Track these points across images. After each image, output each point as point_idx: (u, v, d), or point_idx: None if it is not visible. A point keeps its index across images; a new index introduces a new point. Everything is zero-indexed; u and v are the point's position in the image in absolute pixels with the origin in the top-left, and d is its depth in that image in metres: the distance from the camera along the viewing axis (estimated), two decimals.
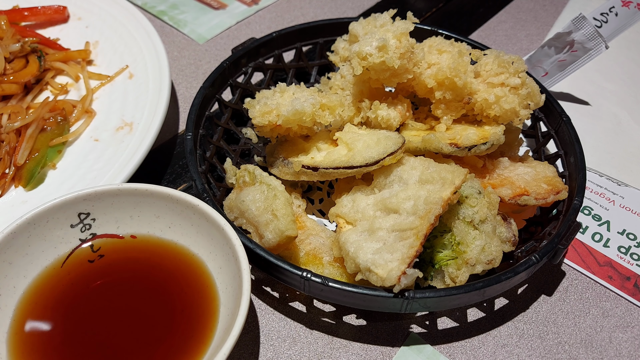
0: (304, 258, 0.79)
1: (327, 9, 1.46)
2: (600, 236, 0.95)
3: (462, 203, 0.75)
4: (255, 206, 0.77)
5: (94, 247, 0.76)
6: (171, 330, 0.68)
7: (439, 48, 0.88)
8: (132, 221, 0.77)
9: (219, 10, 1.42)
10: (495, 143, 0.81)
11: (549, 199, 0.81)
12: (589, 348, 0.80)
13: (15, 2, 1.22)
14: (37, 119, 0.96)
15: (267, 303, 0.82)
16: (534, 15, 1.47)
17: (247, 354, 0.76)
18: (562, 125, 0.92)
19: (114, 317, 0.70)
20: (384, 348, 0.78)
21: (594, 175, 1.05)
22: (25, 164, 0.92)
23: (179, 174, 1.01)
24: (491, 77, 0.86)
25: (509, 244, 0.77)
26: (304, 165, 0.80)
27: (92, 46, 1.16)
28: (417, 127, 0.89)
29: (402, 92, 0.93)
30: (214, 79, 0.96)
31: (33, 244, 0.72)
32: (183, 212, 0.75)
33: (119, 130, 0.98)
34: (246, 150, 1.00)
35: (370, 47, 0.81)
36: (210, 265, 0.74)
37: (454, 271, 0.73)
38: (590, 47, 1.07)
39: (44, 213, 0.72)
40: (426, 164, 0.78)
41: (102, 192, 0.75)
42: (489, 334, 0.80)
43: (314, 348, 0.77)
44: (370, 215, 0.77)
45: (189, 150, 0.84)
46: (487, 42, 1.37)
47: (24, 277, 0.71)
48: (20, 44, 1.06)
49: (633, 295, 0.87)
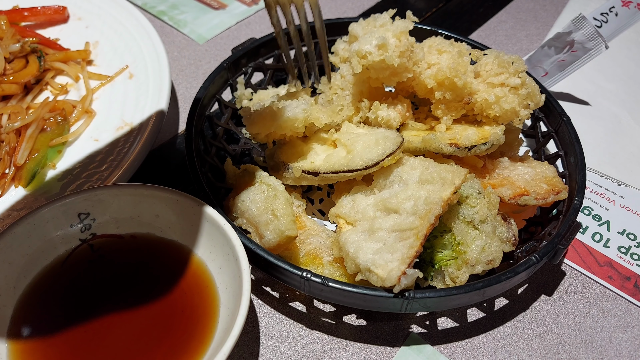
0: (304, 258, 0.79)
1: (327, 9, 1.46)
2: (600, 236, 0.94)
3: (462, 203, 0.75)
4: (256, 206, 0.77)
5: (94, 247, 0.76)
6: (171, 330, 0.68)
7: (438, 48, 0.88)
8: (132, 221, 0.77)
9: (219, 10, 1.42)
10: (495, 143, 0.81)
11: (549, 199, 0.81)
12: (589, 348, 0.80)
13: (15, 2, 1.22)
14: (37, 119, 0.96)
15: (267, 303, 0.82)
16: (534, 15, 1.47)
17: (247, 354, 0.76)
18: (562, 125, 0.92)
19: (114, 317, 0.70)
20: (384, 348, 0.78)
21: (594, 175, 1.05)
22: (25, 164, 0.92)
23: (179, 174, 1.01)
24: (491, 77, 0.86)
25: (509, 244, 0.77)
26: (304, 170, 0.80)
27: (92, 46, 1.16)
28: (417, 127, 0.89)
29: (402, 92, 0.93)
30: (214, 79, 0.96)
31: (33, 244, 0.72)
32: (183, 212, 0.75)
33: (119, 130, 0.98)
34: (246, 150, 1.00)
35: (369, 46, 0.81)
36: (210, 265, 0.74)
37: (454, 271, 0.73)
38: (590, 47, 1.07)
39: (44, 213, 0.72)
40: (426, 164, 0.78)
41: (102, 192, 0.75)
42: (489, 334, 0.80)
43: (314, 348, 0.77)
44: (370, 216, 0.77)
45: (189, 150, 0.84)
46: (487, 42, 1.37)
47: (24, 277, 0.71)
48: (20, 44, 1.06)
49: (633, 295, 0.87)
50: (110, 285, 0.73)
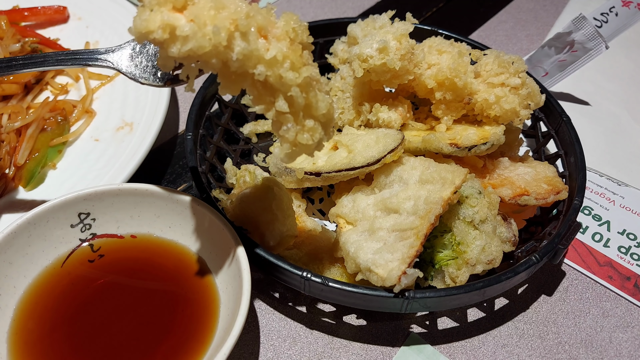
0: (304, 258, 0.79)
1: (327, 9, 1.46)
2: (600, 236, 0.95)
3: (463, 203, 0.75)
4: (256, 206, 0.77)
5: (94, 247, 0.76)
6: (171, 330, 0.68)
7: (438, 48, 0.88)
8: (132, 221, 0.77)
9: None
10: (496, 143, 0.81)
11: (549, 199, 0.81)
12: (589, 348, 0.80)
13: (15, 2, 1.22)
14: (37, 119, 0.96)
15: (267, 303, 0.82)
16: (534, 15, 1.47)
17: (247, 354, 0.76)
18: (562, 125, 0.92)
19: (114, 317, 0.70)
20: (384, 348, 0.78)
21: (594, 175, 1.05)
22: (26, 164, 0.92)
23: (179, 174, 1.01)
24: (491, 77, 0.86)
25: (509, 244, 0.77)
26: (307, 172, 0.80)
27: (92, 46, 1.16)
28: (418, 128, 0.89)
29: (402, 92, 0.93)
30: (214, 79, 0.96)
31: (33, 244, 0.72)
32: (183, 212, 0.75)
33: (119, 130, 0.98)
34: (246, 150, 1.00)
35: (370, 49, 0.81)
36: (210, 265, 0.74)
37: (454, 271, 0.73)
38: (590, 47, 1.07)
39: (44, 213, 0.72)
40: (426, 164, 0.78)
41: (102, 192, 0.75)
42: (489, 334, 0.80)
43: (314, 348, 0.77)
44: (370, 215, 0.77)
45: (189, 150, 0.84)
46: (487, 42, 1.37)
47: (24, 277, 0.71)
48: (20, 44, 1.06)
49: (633, 295, 0.87)
50: (111, 285, 0.73)
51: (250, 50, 0.52)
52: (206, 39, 0.51)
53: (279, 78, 0.54)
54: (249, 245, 0.72)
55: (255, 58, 0.53)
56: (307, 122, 0.57)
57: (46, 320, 0.69)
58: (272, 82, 0.54)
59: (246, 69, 0.54)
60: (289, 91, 0.55)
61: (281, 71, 0.54)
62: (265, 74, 0.54)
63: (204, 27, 0.51)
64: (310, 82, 0.56)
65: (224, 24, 0.51)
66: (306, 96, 0.56)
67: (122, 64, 0.73)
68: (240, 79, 0.56)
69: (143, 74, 0.72)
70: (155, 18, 0.51)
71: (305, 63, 0.56)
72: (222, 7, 0.52)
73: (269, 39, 0.54)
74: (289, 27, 0.56)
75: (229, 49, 0.52)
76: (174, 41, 0.51)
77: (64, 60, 0.73)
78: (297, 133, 0.57)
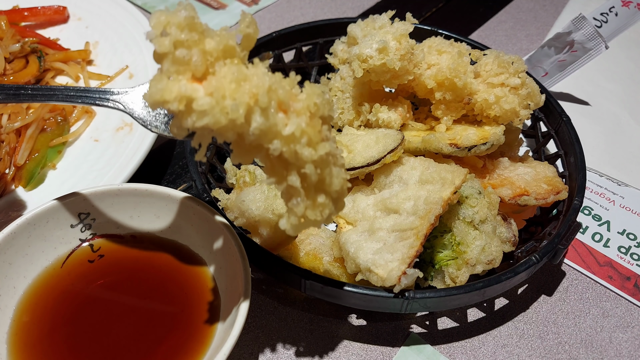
0: (304, 258, 0.79)
1: (327, 9, 1.46)
2: (600, 236, 0.95)
3: (462, 203, 0.75)
4: (256, 206, 0.77)
5: (94, 247, 0.76)
6: (171, 330, 0.68)
7: (438, 48, 0.88)
8: (132, 221, 0.77)
9: (219, 10, 1.42)
10: (495, 143, 0.81)
11: (549, 199, 0.81)
12: (589, 348, 0.80)
13: (15, 2, 1.22)
14: (37, 119, 0.96)
15: (267, 303, 0.82)
16: (534, 15, 1.47)
17: (247, 354, 0.76)
18: (562, 125, 0.92)
19: (114, 317, 0.70)
20: (384, 348, 0.78)
21: (594, 175, 1.05)
22: (25, 164, 0.92)
23: (179, 174, 1.01)
24: (491, 78, 0.86)
25: (509, 244, 0.77)
26: None
27: (92, 46, 1.16)
28: (417, 128, 0.89)
29: (402, 92, 0.93)
30: None
31: (33, 244, 0.72)
32: (183, 212, 0.75)
33: (119, 130, 0.98)
34: None
35: (370, 50, 0.81)
36: (210, 265, 0.74)
37: (454, 271, 0.73)
38: (590, 47, 1.07)
39: (44, 213, 0.72)
40: (426, 164, 0.78)
41: (102, 192, 0.75)
42: (489, 334, 0.80)
43: (314, 348, 0.77)
44: (370, 216, 0.77)
45: (189, 151, 0.84)
46: (487, 42, 1.37)
47: (24, 278, 0.71)
48: (20, 44, 1.06)
49: (633, 295, 0.87)
50: (111, 285, 0.73)
51: (269, 126, 0.49)
52: (223, 114, 0.48)
53: (295, 154, 0.51)
54: (249, 245, 0.72)
55: (272, 133, 0.50)
56: (319, 197, 0.54)
57: (46, 320, 0.69)
58: (287, 157, 0.51)
59: (261, 142, 0.50)
60: (303, 167, 0.51)
61: (297, 147, 0.50)
62: (280, 149, 0.50)
63: (222, 101, 0.47)
64: (327, 158, 0.53)
65: (243, 99, 0.48)
66: (320, 172, 0.52)
67: (134, 109, 0.70)
68: (254, 151, 0.52)
69: (155, 122, 0.70)
70: (173, 88, 0.47)
71: (324, 138, 0.53)
72: (244, 78, 0.49)
73: (289, 114, 0.51)
74: (310, 102, 0.52)
75: (247, 124, 0.49)
76: (189, 114, 0.48)
77: (74, 97, 0.70)
78: (307, 208, 0.53)
